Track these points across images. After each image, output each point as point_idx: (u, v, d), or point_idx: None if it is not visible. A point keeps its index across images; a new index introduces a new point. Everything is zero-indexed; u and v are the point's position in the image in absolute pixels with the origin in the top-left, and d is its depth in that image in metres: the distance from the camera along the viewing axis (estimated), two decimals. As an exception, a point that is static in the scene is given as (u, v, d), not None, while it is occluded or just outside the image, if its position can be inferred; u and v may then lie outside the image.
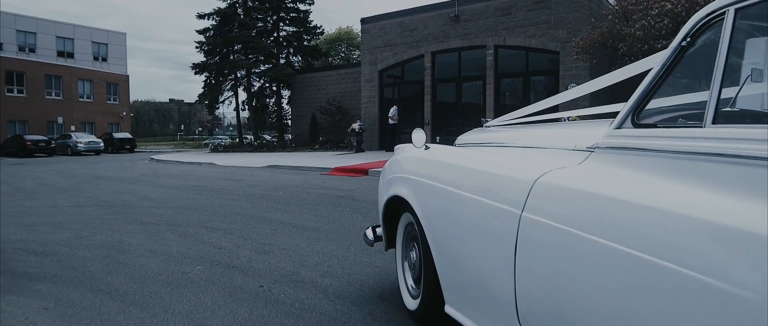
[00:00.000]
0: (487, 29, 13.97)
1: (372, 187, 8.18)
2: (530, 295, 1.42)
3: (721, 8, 1.14)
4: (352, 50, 34.76)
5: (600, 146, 1.46)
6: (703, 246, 0.94)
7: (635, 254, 1.05)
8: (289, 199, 6.83)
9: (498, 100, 14.11)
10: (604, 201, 1.21)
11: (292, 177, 10.14)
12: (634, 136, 1.33)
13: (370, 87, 17.00)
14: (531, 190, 1.46)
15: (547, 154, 1.74)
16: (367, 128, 16.56)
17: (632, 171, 1.28)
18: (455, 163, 2.09)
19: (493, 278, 1.62)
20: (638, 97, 1.34)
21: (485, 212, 1.67)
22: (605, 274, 1.14)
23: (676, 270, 0.95)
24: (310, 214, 5.56)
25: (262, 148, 21.49)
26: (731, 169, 1.01)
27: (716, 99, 1.10)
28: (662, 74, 1.30)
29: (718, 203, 0.97)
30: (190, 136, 68.11)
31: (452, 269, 1.92)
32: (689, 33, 1.23)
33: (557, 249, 1.31)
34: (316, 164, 12.39)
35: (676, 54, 1.27)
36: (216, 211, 5.89)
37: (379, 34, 16.55)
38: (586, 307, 1.21)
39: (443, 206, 1.98)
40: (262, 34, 24.34)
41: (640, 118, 1.36)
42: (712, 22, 1.18)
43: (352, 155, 15.25)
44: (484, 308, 1.71)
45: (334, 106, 20.45)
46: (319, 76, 22.13)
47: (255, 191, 7.88)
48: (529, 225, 1.42)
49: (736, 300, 0.84)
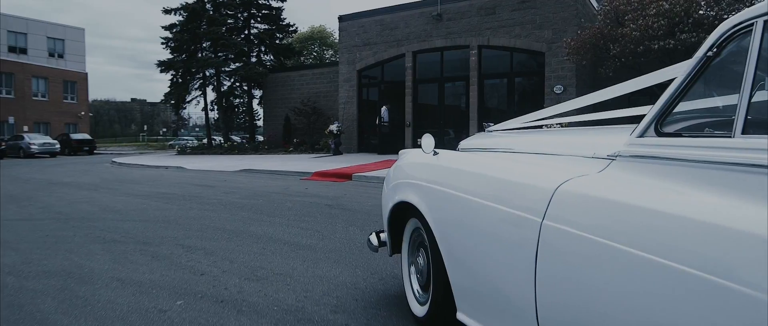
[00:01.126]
0: (470, 29, 13.63)
1: (360, 194, 7.63)
2: (552, 303, 1.41)
3: (749, 19, 1.13)
4: (325, 49, 34.02)
5: (622, 154, 1.44)
6: (736, 255, 0.94)
7: (665, 263, 1.05)
8: (272, 209, 6.19)
9: (481, 101, 13.78)
10: (632, 210, 1.20)
11: (270, 183, 9.46)
12: (659, 145, 1.32)
13: (348, 87, 16.41)
14: (552, 198, 1.44)
15: (564, 162, 1.71)
16: (346, 130, 15.95)
17: (658, 179, 1.27)
18: (469, 169, 2.05)
19: (511, 285, 1.60)
20: (662, 105, 1.33)
21: (503, 219, 1.65)
22: (632, 283, 1.14)
23: (710, 280, 0.95)
24: (300, 228, 4.97)
25: (232, 150, 20.55)
26: (763, 180, 1.01)
27: (746, 109, 1.09)
28: (686, 83, 1.29)
29: (750, 213, 0.97)
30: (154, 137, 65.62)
31: (466, 276, 1.90)
32: (716, 43, 1.22)
33: (581, 257, 1.29)
34: (293, 168, 11.71)
35: (701, 64, 1.25)
36: (191, 225, 5.21)
37: (358, 33, 15.98)
38: (610, 315, 1.20)
39: (456, 213, 1.96)
40: (232, 32, 23.35)
41: (663, 126, 1.34)
42: (739, 32, 1.17)
43: (330, 158, 14.63)
44: (501, 315, 1.69)
45: (309, 106, 19.75)
46: (293, 75, 21.36)
47: (232, 199, 7.19)
48: (550, 233, 1.41)
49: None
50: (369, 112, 16.77)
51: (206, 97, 24.75)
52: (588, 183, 1.42)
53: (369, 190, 8.15)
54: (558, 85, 12.26)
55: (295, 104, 20.43)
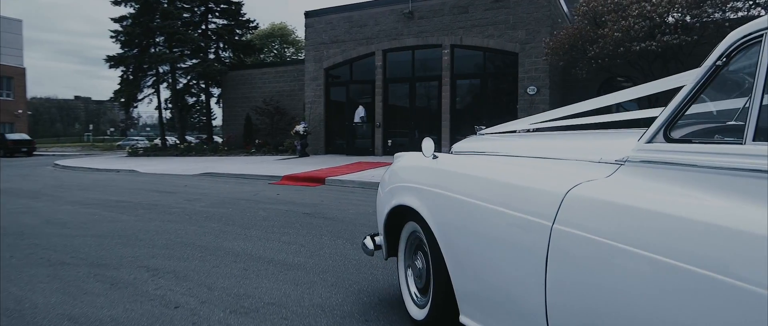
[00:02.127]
0: (443, 27, 13.33)
1: (338, 200, 7.10)
2: (562, 305, 1.42)
3: (759, 31, 1.16)
4: (286, 47, 33.04)
5: (631, 159, 1.47)
6: (750, 258, 0.96)
7: (678, 265, 1.08)
8: (245, 219, 5.57)
9: (454, 102, 13.51)
10: (645, 214, 1.23)
11: (236, 188, 8.75)
12: (668, 151, 1.34)
13: (314, 86, 15.76)
14: (562, 202, 1.45)
15: (570, 166, 1.72)
16: (312, 131, 15.30)
17: (669, 184, 1.30)
18: (473, 173, 2.04)
19: (520, 289, 1.60)
20: (670, 112, 1.36)
21: (512, 224, 1.66)
22: (645, 285, 1.16)
23: (724, 282, 0.98)
24: (282, 242, 4.40)
25: (189, 152, 19.40)
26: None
27: (756, 117, 1.12)
28: (695, 91, 1.32)
29: (763, 217, 0.99)
30: (101, 137, 62.01)
31: (470, 280, 1.90)
32: (725, 53, 1.25)
33: (593, 260, 1.31)
34: (260, 171, 11.00)
35: (710, 72, 1.28)
36: (155, 240, 4.53)
37: (325, 29, 15.37)
38: (622, 317, 1.21)
39: (461, 217, 1.95)
40: (188, 26, 22.11)
41: (672, 132, 1.37)
42: (748, 43, 1.20)
43: (297, 160, 13.96)
44: (509, 318, 1.69)
45: (272, 106, 18.94)
46: (255, 73, 20.45)
47: (197, 208, 6.49)
48: (561, 237, 1.42)
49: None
50: (337, 112, 16.20)
51: (160, 95, 23.38)
52: (598, 187, 1.43)
53: (346, 195, 7.63)
54: (531, 86, 12.16)
55: (256, 103, 19.54)
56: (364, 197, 7.46)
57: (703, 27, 8.20)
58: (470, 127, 13.49)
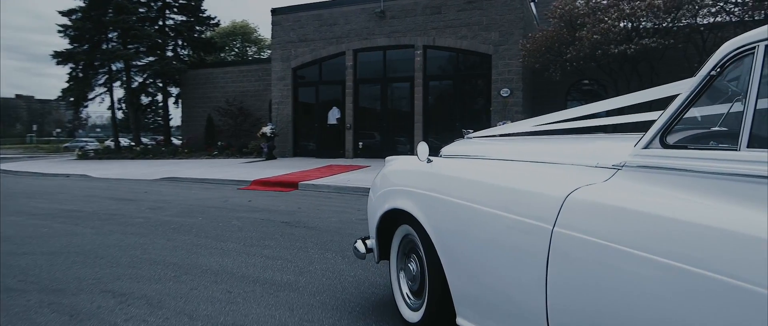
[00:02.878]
0: (415, 28, 13.09)
1: (316, 207, 6.69)
2: (563, 307, 1.44)
3: (752, 43, 1.22)
4: (248, 46, 32.06)
5: (629, 164, 1.50)
6: (747, 258, 1.00)
7: (678, 266, 1.11)
8: (219, 231, 5.08)
9: (427, 103, 13.30)
10: (645, 217, 1.27)
11: (203, 194, 8.16)
12: (665, 156, 1.38)
13: (282, 86, 15.18)
14: (563, 206, 1.49)
15: (568, 170, 1.74)
16: (280, 132, 14.73)
17: (667, 188, 1.33)
18: (471, 178, 2.05)
19: (520, 291, 1.62)
20: (666, 119, 1.40)
21: (512, 227, 1.67)
22: (646, 286, 1.19)
23: (722, 281, 1.01)
24: (265, 257, 3.98)
25: (146, 154, 18.33)
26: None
27: (750, 125, 1.18)
28: (690, 99, 1.36)
29: (759, 219, 1.04)
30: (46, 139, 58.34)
31: (468, 282, 1.92)
32: (719, 63, 1.30)
33: (594, 262, 1.34)
34: (225, 175, 10.39)
35: (705, 82, 1.33)
36: (118, 257, 3.99)
37: (293, 28, 14.83)
38: (624, 318, 1.24)
39: (460, 221, 1.96)
40: (144, 21, 20.94)
41: (668, 139, 1.41)
42: (742, 54, 1.25)
43: (264, 163, 13.37)
44: (508, 320, 1.71)
45: (235, 106, 18.17)
46: (217, 72, 19.58)
47: (162, 217, 5.92)
48: (562, 240, 1.45)
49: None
50: (305, 113, 15.69)
51: (113, 94, 22.06)
52: (598, 191, 1.47)
53: (323, 202, 7.22)
54: (505, 89, 12.10)
55: (218, 104, 18.71)
56: (342, 203, 7.07)
57: (679, 31, 8.32)
58: (444, 129, 13.33)
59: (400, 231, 2.56)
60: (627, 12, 8.20)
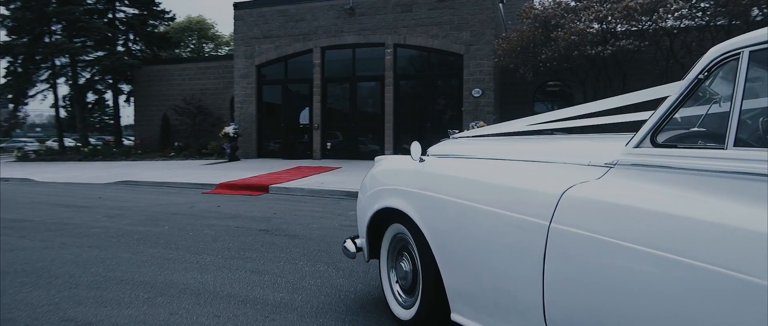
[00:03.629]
0: (386, 25, 12.80)
1: (293, 212, 6.27)
2: (560, 300, 1.50)
3: (737, 49, 1.30)
4: (204, 42, 30.81)
5: (621, 163, 1.55)
6: (737, 248, 1.09)
7: (672, 258, 1.19)
8: (191, 241, 4.59)
9: (398, 103, 13.04)
10: (639, 212, 1.33)
11: (165, 200, 7.53)
12: (656, 155, 1.45)
13: (245, 84, 14.52)
14: (559, 203, 1.54)
15: (561, 169, 1.78)
16: (243, 132, 14.07)
17: (659, 185, 1.39)
18: (466, 177, 2.08)
19: (517, 286, 1.66)
20: (657, 120, 1.47)
21: (509, 224, 1.71)
22: (641, 277, 1.26)
23: (713, 271, 1.09)
24: (249, 271, 3.57)
25: (95, 156, 17.11)
26: (753, 185, 1.17)
27: (736, 125, 1.25)
28: (678, 101, 1.44)
29: (746, 213, 1.12)
30: (-23, 138, 53.94)
31: (464, 279, 1.96)
32: (706, 67, 1.37)
33: (591, 257, 1.40)
34: (187, 178, 9.73)
35: (692, 85, 1.40)
36: (76, 276, 3.46)
37: (257, 23, 14.20)
38: (620, 309, 1.31)
39: (455, 219, 1.99)
40: (92, 13, 19.59)
41: (657, 138, 1.48)
42: (727, 59, 1.32)
43: (227, 165, 12.71)
44: (505, 314, 1.75)
45: (194, 105, 17.28)
46: (173, 69, 18.57)
47: (124, 226, 5.34)
48: (559, 236, 1.50)
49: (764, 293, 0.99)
50: (269, 113, 15.09)
51: (57, 91, 20.51)
52: (592, 188, 1.53)
53: (299, 206, 6.80)
54: (476, 89, 12.02)
55: (175, 102, 17.74)
56: (320, 208, 6.68)
57: (654, 33, 8.46)
58: (415, 130, 13.11)
59: (391, 229, 2.58)
60: (604, 13, 8.26)
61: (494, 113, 11.98)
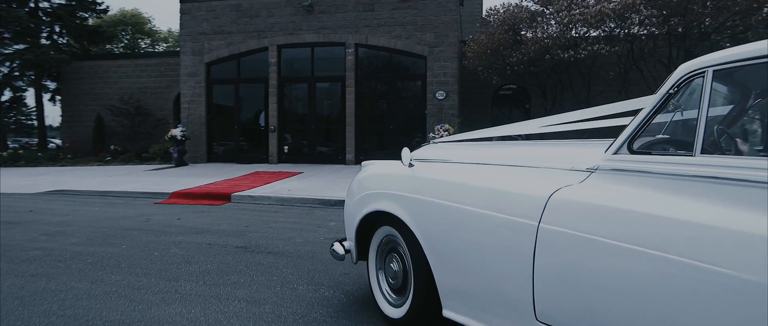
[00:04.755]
0: (347, 24, 12.33)
1: (267, 224, 5.70)
2: (550, 294, 1.65)
3: (703, 67, 1.48)
4: (140, 38, 28.74)
5: (602, 168, 1.72)
6: (708, 242, 1.28)
7: (653, 253, 1.36)
8: (160, 263, 3.94)
9: (359, 105, 12.60)
10: (621, 212, 1.50)
11: (112, 211, 6.65)
12: (632, 161, 1.63)
13: (193, 83, 13.49)
14: (546, 205, 1.69)
15: (545, 173, 1.91)
16: (192, 135, 13.05)
17: (637, 188, 1.56)
18: (457, 181, 2.19)
19: (509, 282, 1.80)
20: (632, 129, 1.65)
21: (500, 225, 1.85)
22: (626, 271, 1.43)
23: (688, 263, 1.29)
24: (243, 301, 3.04)
25: (17, 161, 15.28)
26: (719, 187, 1.36)
27: (703, 135, 1.44)
28: (652, 113, 1.62)
29: (713, 211, 1.32)
30: None
31: (456, 278, 2.08)
32: (675, 83, 1.56)
33: (578, 254, 1.55)
34: (132, 186, 8.76)
35: (664, 99, 1.59)
36: (25, 319, 2.76)
37: (206, 18, 13.24)
38: (606, 299, 1.48)
39: (447, 221, 2.10)
40: (10, 2, 17.55)
41: (634, 146, 1.66)
42: (694, 77, 1.52)
43: (175, 171, 11.71)
44: (496, 308, 1.89)
45: (132, 105, 15.90)
46: (108, 65, 17.02)
47: (71, 247, 4.54)
48: (547, 235, 1.65)
49: (734, 280, 1.20)
50: (220, 114, 14.15)
51: (-33, 88, 18.19)
52: (577, 191, 1.69)
53: (271, 217, 6.21)
54: (440, 91, 11.85)
55: (110, 102, 16.23)
56: (294, 218, 6.13)
57: (625, 38, 8.62)
58: (378, 132, 12.73)
59: (380, 232, 2.68)
60: (577, 18, 8.32)
61: (459, 116, 11.86)
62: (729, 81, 1.59)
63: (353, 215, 2.78)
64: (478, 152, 2.53)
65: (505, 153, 2.38)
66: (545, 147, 2.35)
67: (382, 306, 2.62)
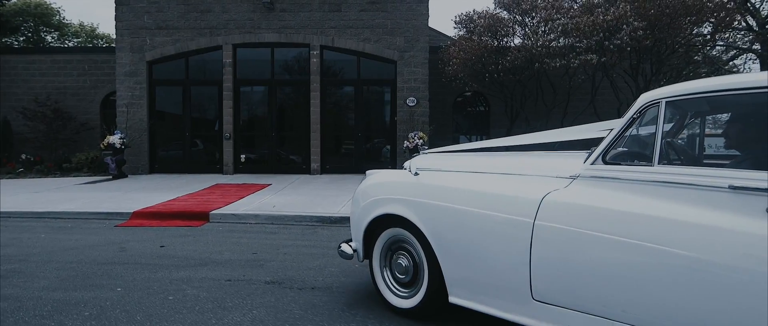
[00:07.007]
0: (311, 24, 11.53)
1: (275, 248, 4.93)
2: (544, 278, 2.11)
3: (658, 98, 2.02)
4: (46, 31, 25.43)
5: (582, 175, 2.19)
6: (665, 231, 1.80)
7: (627, 241, 1.87)
8: (182, 312, 3.11)
9: (325, 111, 11.83)
10: (601, 211, 2.01)
11: (67, 239, 5.44)
12: (607, 169, 2.11)
13: (132, 83, 11.90)
14: (540, 205, 2.15)
15: (535, 180, 2.37)
16: (132, 143, 11.50)
17: (612, 191, 2.05)
18: (461, 187, 2.63)
19: (509, 270, 2.25)
20: (606, 145, 2.15)
21: (501, 222, 2.29)
22: (606, 257, 1.93)
23: (657, 249, 1.79)
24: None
25: None
26: (672, 190, 1.88)
27: (659, 149, 1.96)
28: (620, 132, 2.13)
29: (669, 208, 1.84)
30: None
31: (462, 269, 2.51)
32: (638, 110, 2.08)
33: (568, 244, 2.04)
34: (76, 206, 7.39)
35: (629, 121, 2.11)
36: None
37: (148, 10, 11.75)
38: (592, 282, 1.97)
39: (454, 221, 2.52)
40: None
41: (607, 157, 2.14)
42: (652, 105, 2.04)
43: (116, 184, 10.22)
44: (498, 292, 2.34)
45: (50, 107, 13.80)
46: (17, 60, 14.68)
47: (43, 293, 3.51)
48: (542, 229, 2.12)
49: (679, 257, 1.74)
50: (165, 119, 12.68)
51: None
52: (564, 194, 2.16)
53: (274, 240, 5.41)
54: (411, 98, 11.46)
55: (21, 103, 14.01)
56: (303, 240, 5.39)
57: (614, 48, 8.76)
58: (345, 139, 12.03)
59: (386, 234, 3.00)
60: (570, 27, 8.32)
61: (430, 123, 11.54)
62: (676, 107, 2.09)
63: (360, 220, 3.10)
64: (475, 162, 2.90)
65: (499, 163, 2.75)
66: (533, 158, 2.76)
67: (389, 297, 2.96)
